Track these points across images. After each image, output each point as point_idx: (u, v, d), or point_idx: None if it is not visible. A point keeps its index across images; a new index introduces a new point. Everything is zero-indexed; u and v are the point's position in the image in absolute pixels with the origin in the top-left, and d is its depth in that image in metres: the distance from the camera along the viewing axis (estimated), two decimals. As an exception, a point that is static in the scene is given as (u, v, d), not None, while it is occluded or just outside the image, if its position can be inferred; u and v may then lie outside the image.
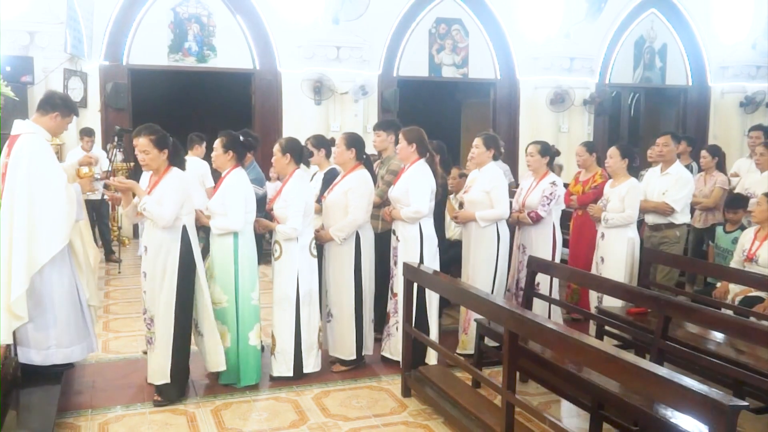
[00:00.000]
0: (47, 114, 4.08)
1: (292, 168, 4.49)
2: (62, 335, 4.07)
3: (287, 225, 4.38)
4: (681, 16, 12.27)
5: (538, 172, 5.25)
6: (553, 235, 5.12)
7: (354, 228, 4.60)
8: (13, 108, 6.84)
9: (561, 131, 11.29)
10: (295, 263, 4.43)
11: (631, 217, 5.10)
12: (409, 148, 4.69)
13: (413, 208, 4.55)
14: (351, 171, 4.70)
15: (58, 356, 4.07)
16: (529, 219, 5.07)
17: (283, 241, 4.44)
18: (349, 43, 10.11)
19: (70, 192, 4.07)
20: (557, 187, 5.11)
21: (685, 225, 5.55)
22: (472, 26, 11.26)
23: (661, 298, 3.92)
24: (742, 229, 5.57)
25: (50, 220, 3.93)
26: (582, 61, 11.39)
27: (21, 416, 3.69)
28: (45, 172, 3.96)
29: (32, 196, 3.90)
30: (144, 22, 9.70)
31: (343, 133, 4.97)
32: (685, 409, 2.48)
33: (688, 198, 5.59)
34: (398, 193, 4.66)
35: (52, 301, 4.03)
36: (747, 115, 12.20)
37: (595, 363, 2.88)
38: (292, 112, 10.25)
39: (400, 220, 4.62)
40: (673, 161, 5.65)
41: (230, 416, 3.99)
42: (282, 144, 4.53)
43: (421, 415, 4.04)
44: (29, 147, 3.95)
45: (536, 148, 5.26)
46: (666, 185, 5.52)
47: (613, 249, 5.12)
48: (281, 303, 4.46)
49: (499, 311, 3.43)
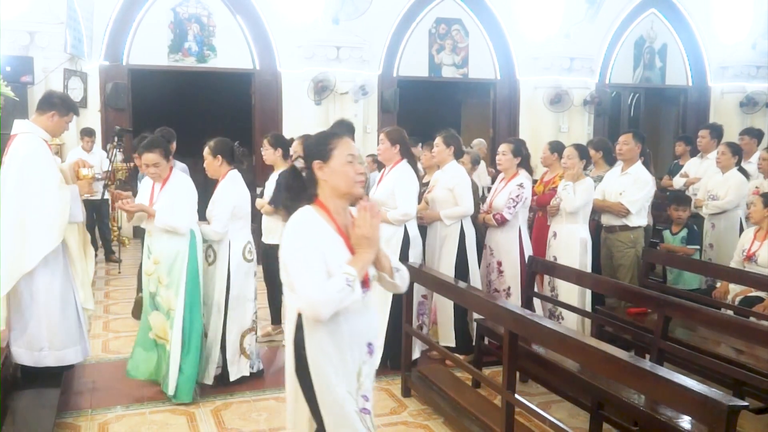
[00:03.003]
0: (45, 113, 4.07)
1: (225, 169, 4.36)
2: (55, 337, 4.03)
3: (210, 227, 4.27)
4: (681, 16, 12.27)
5: (508, 172, 5.08)
6: (520, 237, 4.98)
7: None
8: (13, 108, 6.83)
9: (561, 131, 11.28)
10: (225, 267, 4.30)
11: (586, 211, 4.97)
12: (392, 149, 4.62)
13: (401, 211, 4.48)
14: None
15: (50, 359, 4.02)
16: (494, 221, 4.95)
17: (216, 246, 4.32)
18: (349, 43, 10.12)
19: (64, 193, 4.01)
20: (524, 189, 4.95)
21: (641, 228, 5.29)
22: (472, 26, 11.26)
23: (661, 298, 3.92)
24: (687, 228, 5.55)
25: (41, 220, 3.88)
26: (582, 61, 11.39)
27: (21, 416, 3.69)
28: (37, 171, 3.93)
29: (23, 196, 3.87)
30: (144, 22, 9.70)
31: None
32: (685, 409, 2.48)
33: (646, 200, 5.32)
34: (383, 194, 4.58)
35: (45, 303, 3.99)
36: (747, 115, 12.20)
37: (595, 363, 2.88)
38: (292, 112, 10.25)
39: (387, 222, 4.52)
40: (634, 161, 5.30)
41: (230, 416, 3.99)
42: (211, 146, 4.38)
43: (421, 415, 4.04)
44: (23, 146, 3.95)
45: (509, 147, 5.08)
46: (624, 185, 5.27)
47: (564, 248, 5.00)
48: (212, 308, 4.33)
49: (499, 311, 3.43)
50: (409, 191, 4.53)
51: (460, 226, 4.81)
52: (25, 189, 3.88)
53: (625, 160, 5.37)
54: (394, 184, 4.55)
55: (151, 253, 4.23)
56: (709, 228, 5.91)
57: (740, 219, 5.85)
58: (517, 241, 4.98)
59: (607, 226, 5.34)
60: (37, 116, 4.10)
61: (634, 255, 5.25)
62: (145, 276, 4.27)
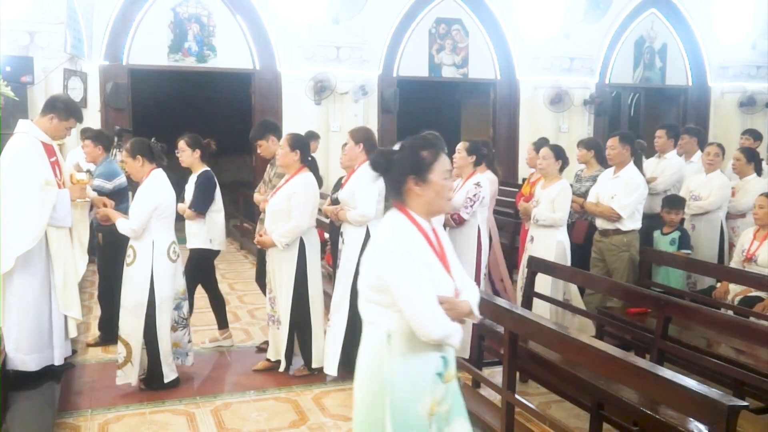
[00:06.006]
0: (45, 115, 4.15)
1: (148, 168, 4.34)
2: (22, 341, 4.02)
3: (126, 223, 4.24)
4: (681, 16, 12.27)
5: (464, 171, 5.01)
6: (478, 237, 4.90)
7: (297, 234, 4.43)
8: (13, 108, 6.84)
9: (561, 131, 11.28)
10: (148, 268, 4.22)
11: (562, 219, 4.93)
12: (356, 149, 4.55)
13: (359, 212, 4.41)
14: (295, 174, 4.51)
15: (15, 362, 4.02)
16: (452, 221, 4.87)
17: (136, 246, 4.24)
18: (349, 43, 10.11)
19: (47, 195, 4.00)
20: (481, 188, 4.87)
21: (635, 231, 5.25)
22: (472, 26, 11.25)
23: (661, 298, 3.92)
24: (680, 230, 5.51)
25: (17, 220, 3.87)
26: (582, 61, 11.38)
27: (21, 416, 3.70)
28: (21, 171, 3.95)
29: (4, 195, 3.87)
30: (144, 22, 9.69)
31: (288, 133, 4.70)
32: (685, 409, 2.49)
33: (638, 204, 5.23)
34: (346, 195, 4.52)
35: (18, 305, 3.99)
36: (747, 115, 12.20)
37: (595, 363, 2.88)
38: (291, 112, 10.23)
39: (347, 222, 4.49)
40: (626, 163, 5.26)
41: (230, 416, 3.99)
42: (128, 149, 4.34)
43: (421, 415, 4.03)
44: (14, 146, 4.00)
45: (464, 146, 5.04)
46: (615, 189, 5.23)
47: (543, 252, 4.94)
48: (135, 309, 4.22)
49: (499, 311, 3.43)
50: (370, 192, 4.40)
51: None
52: (6, 188, 3.88)
53: (615, 164, 5.34)
54: (355, 184, 4.48)
55: None
56: (690, 229, 5.83)
57: (721, 221, 5.79)
58: (475, 241, 4.89)
59: (600, 230, 5.30)
60: (39, 117, 4.20)
61: (628, 258, 5.22)
62: None
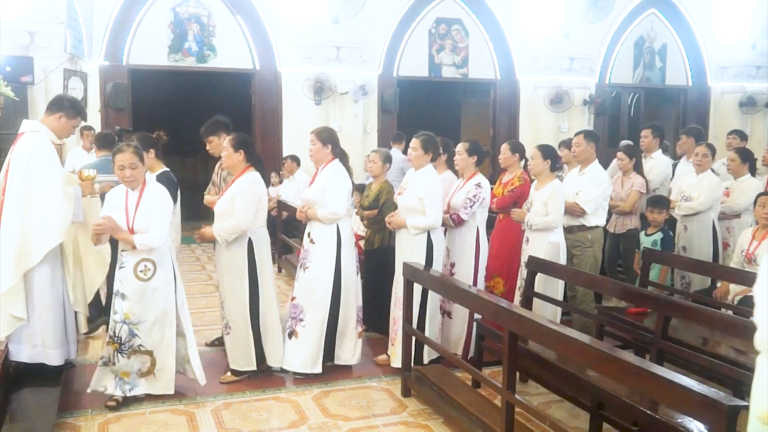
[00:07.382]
0: (53, 114, 4.19)
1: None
2: (47, 335, 4.10)
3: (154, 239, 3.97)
4: (681, 17, 12.27)
5: (466, 171, 5.00)
6: (477, 238, 4.88)
7: (239, 231, 4.31)
8: (13, 108, 6.85)
9: (561, 131, 11.27)
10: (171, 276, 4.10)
11: (555, 221, 4.84)
12: (324, 150, 4.56)
13: (330, 209, 4.44)
14: (241, 174, 4.43)
15: (43, 356, 4.10)
16: (451, 221, 4.85)
17: (155, 257, 4.01)
18: (349, 43, 10.12)
19: (68, 191, 4.10)
20: (482, 189, 4.85)
21: (599, 228, 5.26)
22: (472, 26, 11.26)
23: (661, 298, 3.92)
24: (663, 232, 5.48)
25: (46, 217, 3.97)
26: (582, 61, 11.39)
27: (21, 416, 3.70)
28: (43, 169, 4.02)
29: (29, 192, 3.96)
30: (144, 22, 9.70)
31: (231, 134, 4.62)
32: (685, 409, 2.48)
33: (601, 199, 5.24)
34: (314, 194, 4.54)
35: (40, 299, 4.05)
36: (747, 115, 12.20)
37: (595, 363, 2.88)
38: (292, 112, 10.25)
39: (317, 220, 4.49)
40: (591, 161, 5.30)
41: (230, 416, 3.99)
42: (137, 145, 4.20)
43: (421, 415, 4.04)
44: (30, 145, 4.04)
45: (464, 146, 5.02)
46: (580, 185, 5.24)
47: (536, 252, 4.86)
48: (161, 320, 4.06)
49: (499, 311, 3.43)
50: (340, 190, 4.47)
51: (427, 236, 4.58)
52: (31, 186, 3.97)
53: (580, 162, 5.40)
54: (325, 183, 4.50)
55: None
56: (682, 230, 5.82)
57: (713, 221, 5.77)
58: (474, 242, 4.88)
59: (566, 227, 5.24)
60: (45, 117, 4.22)
61: (591, 255, 5.23)
62: None
